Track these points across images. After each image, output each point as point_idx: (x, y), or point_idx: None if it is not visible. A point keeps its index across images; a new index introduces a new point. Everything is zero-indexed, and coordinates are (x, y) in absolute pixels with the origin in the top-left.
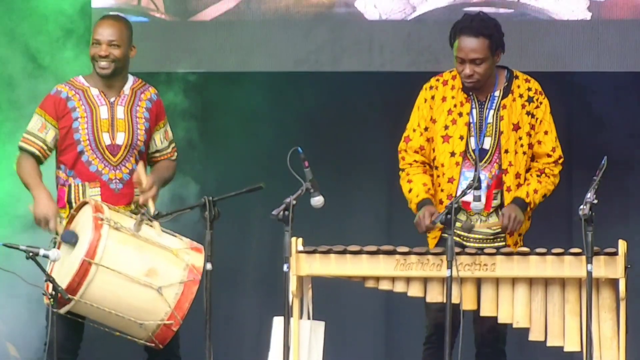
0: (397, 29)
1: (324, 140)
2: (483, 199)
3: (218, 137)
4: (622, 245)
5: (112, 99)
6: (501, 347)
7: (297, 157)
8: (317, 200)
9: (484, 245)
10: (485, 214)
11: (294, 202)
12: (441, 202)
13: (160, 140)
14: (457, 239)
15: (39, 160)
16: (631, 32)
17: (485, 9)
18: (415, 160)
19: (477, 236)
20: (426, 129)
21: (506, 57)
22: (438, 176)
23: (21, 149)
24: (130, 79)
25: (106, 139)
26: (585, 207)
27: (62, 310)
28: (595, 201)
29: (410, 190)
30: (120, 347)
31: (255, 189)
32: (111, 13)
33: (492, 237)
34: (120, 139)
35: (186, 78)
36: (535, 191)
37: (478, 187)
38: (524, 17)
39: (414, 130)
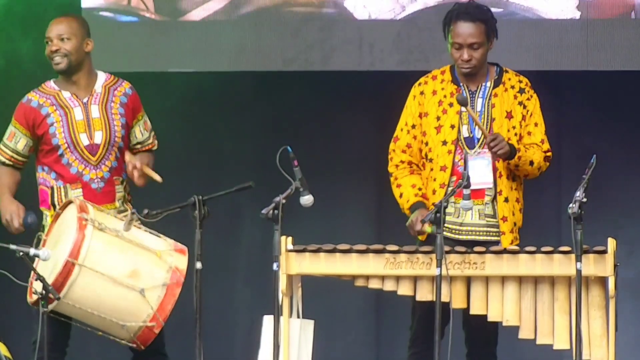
0: (387, 28)
1: (314, 139)
2: (470, 202)
3: (208, 136)
4: (611, 243)
5: (84, 99)
6: (492, 349)
7: (287, 156)
8: (307, 199)
9: (476, 237)
10: (482, 202)
11: (284, 201)
12: (434, 192)
13: (140, 132)
14: (448, 233)
15: (14, 168)
16: (620, 31)
17: None
18: (401, 161)
19: (469, 228)
20: (413, 126)
21: (496, 56)
22: (432, 169)
23: None
24: (102, 76)
25: (84, 140)
26: (574, 205)
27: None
28: (585, 199)
29: (401, 195)
30: (108, 346)
31: (244, 187)
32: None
33: (484, 230)
34: (99, 137)
35: (179, 77)
36: (526, 149)
37: (467, 186)
38: (513, 16)
39: (402, 130)
